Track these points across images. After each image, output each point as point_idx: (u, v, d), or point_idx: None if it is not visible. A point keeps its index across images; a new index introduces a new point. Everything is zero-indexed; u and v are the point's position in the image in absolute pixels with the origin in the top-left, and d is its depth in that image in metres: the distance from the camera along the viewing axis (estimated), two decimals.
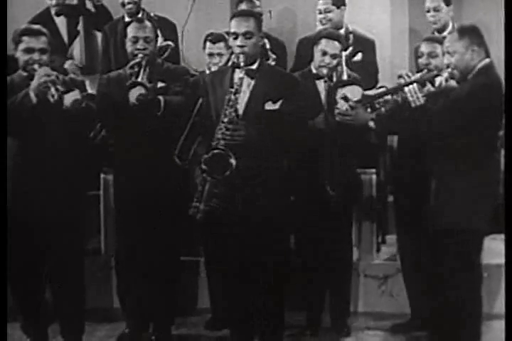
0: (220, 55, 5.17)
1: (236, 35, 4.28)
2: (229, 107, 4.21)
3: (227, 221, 4.30)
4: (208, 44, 5.22)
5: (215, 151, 4.16)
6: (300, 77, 4.75)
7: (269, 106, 4.29)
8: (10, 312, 4.26)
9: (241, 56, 4.27)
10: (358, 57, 5.86)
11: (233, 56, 4.97)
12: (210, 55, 5.20)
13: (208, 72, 5.12)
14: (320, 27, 5.89)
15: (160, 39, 5.89)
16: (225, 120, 4.21)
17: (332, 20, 5.88)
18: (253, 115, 4.25)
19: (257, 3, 6.11)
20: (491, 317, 5.03)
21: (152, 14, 6.16)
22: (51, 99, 4.21)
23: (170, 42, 5.95)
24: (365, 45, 5.96)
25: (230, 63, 5.10)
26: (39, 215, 4.43)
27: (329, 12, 5.88)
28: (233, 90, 4.22)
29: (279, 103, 4.29)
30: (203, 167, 4.16)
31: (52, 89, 4.20)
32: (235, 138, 4.19)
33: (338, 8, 5.91)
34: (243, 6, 6.09)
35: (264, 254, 4.34)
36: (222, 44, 5.18)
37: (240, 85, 4.23)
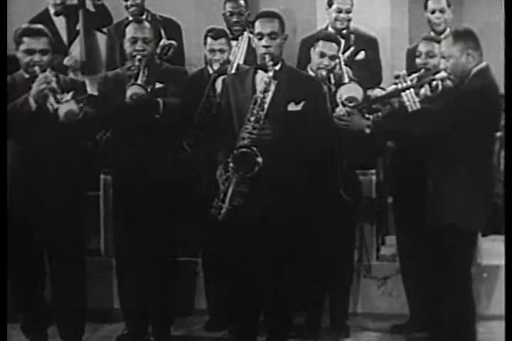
0: (221, 51, 5.08)
1: (261, 36, 4.30)
2: (256, 106, 4.22)
3: (249, 220, 4.30)
4: (209, 40, 5.12)
5: (243, 150, 4.17)
6: None
7: (291, 107, 4.32)
8: (9, 313, 4.27)
9: (267, 56, 4.28)
10: (361, 55, 5.87)
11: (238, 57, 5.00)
12: (212, 51, 5.10)
13: (210, 69, 5.09)
14: (325, 25, 5.92)
15: (163, 39, 5.92)
16: (252, 119, 4.22)
17: (350, 20, 5.91)
18: (276, 115, 4.26)
19: (242, 2, 6.12)
20: (489, 317, 5.05)
21: (157, 15, 6.16)
22: (50, 108, 4.21)
23: (173, 42, 5.94)
24: (368, 43, 5.98)
25: (234, 60, 5.09)
26: (39, 216, 4.43)
27: (349, 12, 5.91)
28: (262, 89, 4.23)
29: (301, 104, 4.32)
30: (231, 165, 4.18)
31: (51, 98, 4.20)
32: (261, 137, 4.20)
33: (352, 7, 5.95)
34: (228, 6, 6.11)
35: (276, 254, 4.37)
36: (223, 40, 5.10)
37: (269, 84, 4.23)
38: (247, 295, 4.44)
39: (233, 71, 5.04)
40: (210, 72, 5.06)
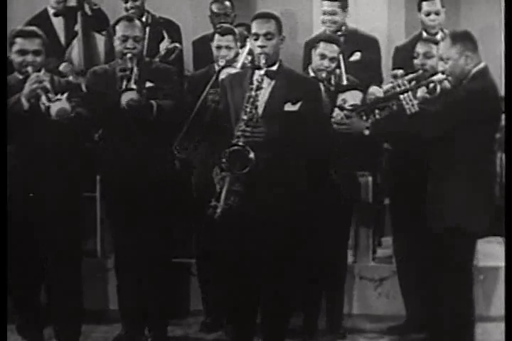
0: (228, 48, 5.09)
1: (257, 36, 4.31)
2: (249, 104, 4.21)
3: (248, 220, 4.28)
4: (217, 36, 5.14)
5: (234, 148, 4.15)
6: None
7: (288, 107, 4.31)
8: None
9: (262, 56, 4.28)
10: (356, 56, 5.86)
11: (244, 55, 5.00)
12: (218, 47, 5.11)
13: (216, 66, 5.09)
14: (323, 28, 5.91)
15: (167, 41, 5.91)
16: (245, 117, 4.20)
17: (337, 23, 5.88)
18: (273, 115, 4.26)
19: (228, 3, 6.12)
20: (487, 319, 5.04)
21: (157, 16, 6.16)
22: (42, 107, 4.21)
23: (177, 45, 5.94)
24: (368, 43, 5.96)
25: (240, 60, 5.08)
26: (36, 217, 4.43)
27: (334, 14, 5.89)
28: (254, 87, 4.23)
29: (298, 104, 4.31)
30: (223, 163, 4.17)
31: (43, 97, 4.19)
32: (255, 134, 4.18)
33: (343, 10, 5.90)
34: (214, 7, 6.12)
35: (275, 254, 4.36)
36: (230, 37, 5.11)
37: (261, 82, 4.23)
38: (245, 295, 4.42)
39: (238, 67, 5.00)
40: (216, 68, 5.05)
